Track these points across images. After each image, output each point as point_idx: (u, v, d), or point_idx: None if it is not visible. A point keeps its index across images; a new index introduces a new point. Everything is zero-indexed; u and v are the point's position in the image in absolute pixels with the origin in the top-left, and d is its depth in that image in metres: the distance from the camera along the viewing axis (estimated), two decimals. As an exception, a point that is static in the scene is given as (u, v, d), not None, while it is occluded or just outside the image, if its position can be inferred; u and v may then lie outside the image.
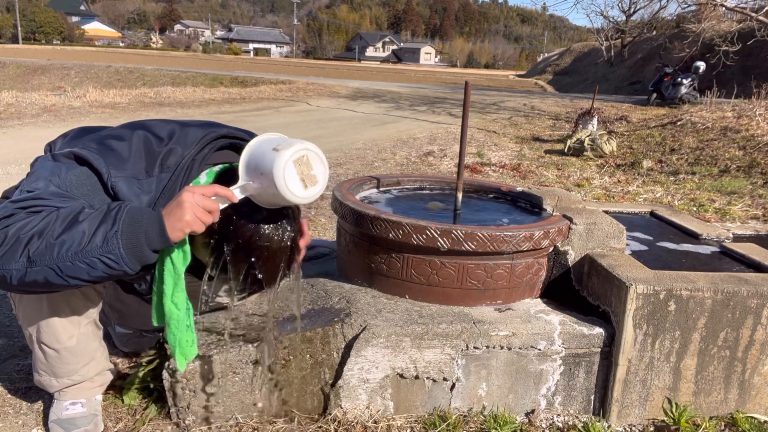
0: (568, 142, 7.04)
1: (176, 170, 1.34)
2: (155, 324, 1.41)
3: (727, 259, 2.01)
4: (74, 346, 1.47)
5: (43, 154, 1.43)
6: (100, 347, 1.58)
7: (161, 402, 1.63)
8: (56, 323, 1.42)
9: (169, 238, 1.20)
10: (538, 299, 1.87)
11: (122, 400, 1.67)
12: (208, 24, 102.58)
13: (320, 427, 1.58)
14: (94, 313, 1.52)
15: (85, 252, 1.13)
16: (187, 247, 1.34)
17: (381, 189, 2.31)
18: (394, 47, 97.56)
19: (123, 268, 1.17)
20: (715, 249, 2.10)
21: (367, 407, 1.62)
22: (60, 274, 1.15)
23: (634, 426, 1.70)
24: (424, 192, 2.35)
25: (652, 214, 2.50)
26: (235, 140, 1.46)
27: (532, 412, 1.70)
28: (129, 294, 1.68)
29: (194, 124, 1.45)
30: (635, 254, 1.90)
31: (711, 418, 1.72)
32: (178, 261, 1.33)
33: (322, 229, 3.62)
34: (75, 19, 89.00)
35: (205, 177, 1.36)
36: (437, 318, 1.66)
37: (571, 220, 1.87)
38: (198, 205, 1.20)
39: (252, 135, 1.50)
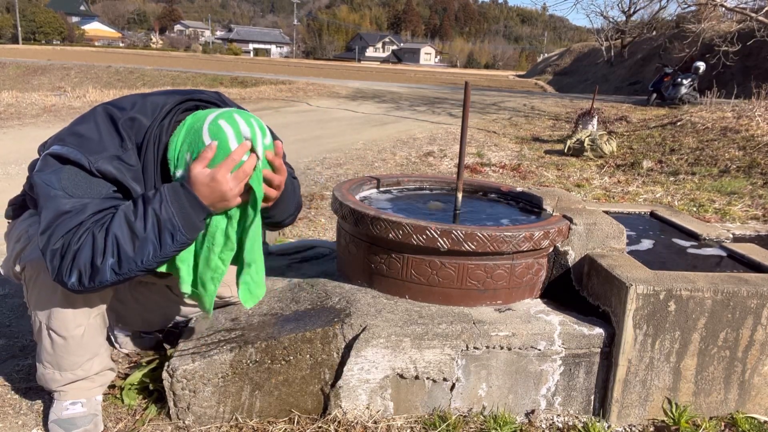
0: (568, 143, 7.04)
1: (144, 141, 1.37)
2: (187, 291, 1.45)
3: (726, 259, 2.01)
4: (81, 337, 1.48)
5: (37, 156, 1.43)
6: (105, 344, 1.59)
7: (161, 402, 1.63)
8: (68, 309, 1.44)
9: (212, 212, 1.36)
10: (538, 299, 1.87)
11: (122, 400, 1.67)
12: (208, 24, 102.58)
13: (320, 427, 1.58)
14: (104, 305, 1.53)
15: (162, 253, 1.31)
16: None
17: (381, 189, 2.31)
18: (394, 47, 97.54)
19: (191, 242, 1.37)
20: (715, 249, 2.10)
21: (367, 407, 1.62)
22: (148, 270, 1.33)
23: (634, 426, 1.70)
24: (424, 192, 2.35)
25: (652, 214, 2.50)
26: (200, 102, 1.47)
27: (532, 412, 1.70)
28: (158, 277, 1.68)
29: (156, 93, 1.46)
30: (635, 254, 1.90)
31: (711, 418, 1.72)
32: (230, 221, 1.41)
33: (322, 229, 3.62)
34: (75, 19, 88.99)
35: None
36: (437, 318, 1.66)
37: (571, 220, 1.87)
38: (233, 186, 1.32)
39: (221, 96, 1.52)
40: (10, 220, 1.61)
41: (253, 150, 1.34)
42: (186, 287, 1.43)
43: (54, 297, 1.42)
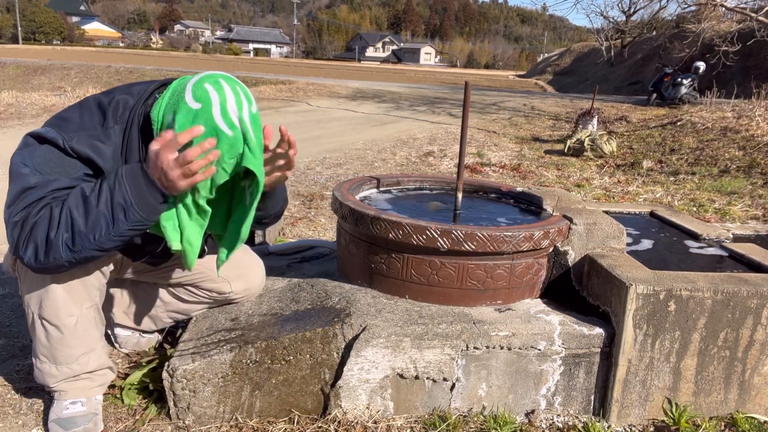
0: (568, 143, 7.04)
1: (129, 120, 1.40)
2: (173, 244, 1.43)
3: (726, 259, 2.01)
4: (74, 327, 1.48)
5: None
6: (101, 340, 1.59)
7: (161, 402, 1.63)
8: (58, 297, 1.45)
9: (170, 195, 1.33)
10: (538, 299, 1.87)
11: (122, 400, 1.67)
12: (208, 24, 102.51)
13: (320, 427, 1.58)
14: (96, 296, 1.53)
15: (116, 230, 1.31)
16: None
17: (381, 189, 2.31)
18: (394, 47, 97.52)
19: (148, 224, 1.35)
20: (715, 249, 2.10)
21: (367, 407, 1.62)
22: (103, 250, 1.33)
23: (634, 426, 1.70)
24: (424, 192, 2.35)
25: (652, 214, 2.50)
26: None
27: (532, 412, 1.70)
28: (135, 262, 1.68)
29: (139, 83, 1.51)
30: (635, 254, 1.90)
31: (711, 418, 1.72)
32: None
33: (322, 229, 3.62)
34: (75, 19, 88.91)
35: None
36: (437, 318, 1.66)
37: (571, 220, 1.87)
38: (172, 167, 1.27)
39: None
40: None
41: (244, 137, 1.34)
42: (176, 245, 1.43)
43: (45, 285, 1.43)
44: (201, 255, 1.63)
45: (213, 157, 1.30)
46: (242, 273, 1.81)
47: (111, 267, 1.57)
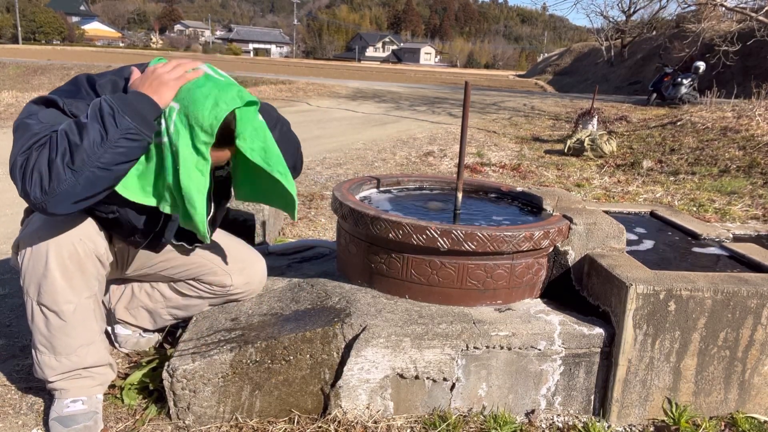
0: (568, 142, 7.04)
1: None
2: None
3: (726, 259, 2.01)
4: (73, 314, 1.49)
5: None
6: (101, 335, 1.59)
7: (161, 402, 1.63)
8: (57, 283, 1.45)
9: (156, 103, 1.38)
10: (538, 299, 1.87)
11: (122, 400, 1.67)
12: (208, 24, 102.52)
13: (320, 427, 1.58)
14: (95, 286, 1.54)
15: (110, 140, 1.31)
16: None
17: (381, 189, 2.31)
18: (394, 47, 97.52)
19: (142, 135, 1.36)
20: (715, 249, 2.10)
21: (367, 407, 1.62)
22: (106, 168, 1.33)
23: (634, 426, 1.70)
24: (424, 192, 2.35)
25: (652, 214, 2.50)
26: None
27: (532, 412, 1.70)
28: (138, 248, 1.70)
29: (130, 66, 1.57)
30: (635, 254, 1.90)
31: (711, 418, 1.72)
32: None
33: (322, 229, 3.62)
34: (75, 19, 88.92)
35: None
36: (437, 318, 1.66)
37: (571, 220, 1.87)
38: (167, 69, 1.42)
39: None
40: None
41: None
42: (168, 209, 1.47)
43: (43, 268, 1.44)
44: (213, 225, 1.66)
45: (202, 69, 1.44)
46: (244, 267, 1.83)
47: (111, 258, 1.58)
